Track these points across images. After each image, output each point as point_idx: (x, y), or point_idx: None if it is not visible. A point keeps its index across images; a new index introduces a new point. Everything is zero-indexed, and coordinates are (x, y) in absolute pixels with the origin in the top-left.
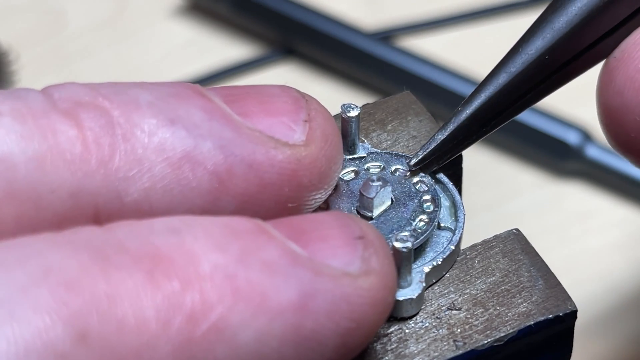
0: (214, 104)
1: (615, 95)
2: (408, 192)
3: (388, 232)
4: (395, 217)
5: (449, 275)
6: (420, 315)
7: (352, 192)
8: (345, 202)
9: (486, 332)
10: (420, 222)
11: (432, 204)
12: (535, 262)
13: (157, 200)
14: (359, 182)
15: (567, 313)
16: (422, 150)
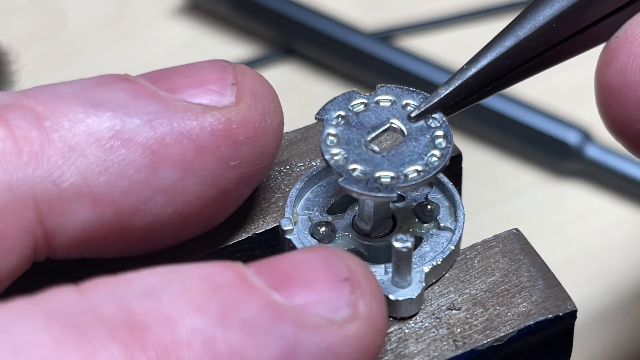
0: (139, 85)
1: (617, 74)
2: (420, 127)
3: (399, 165)
4: (407, 151)
5: (448, 275)
6: (420, 315)
7: (362, 124)
8: (355, 133)
9: (486, 332)
10: (432, 157)
11: (444, 140)
12: (535, 262)
13: (96, 181)
14: (369, 114)
15: (567, 313)
16: (425, 103)
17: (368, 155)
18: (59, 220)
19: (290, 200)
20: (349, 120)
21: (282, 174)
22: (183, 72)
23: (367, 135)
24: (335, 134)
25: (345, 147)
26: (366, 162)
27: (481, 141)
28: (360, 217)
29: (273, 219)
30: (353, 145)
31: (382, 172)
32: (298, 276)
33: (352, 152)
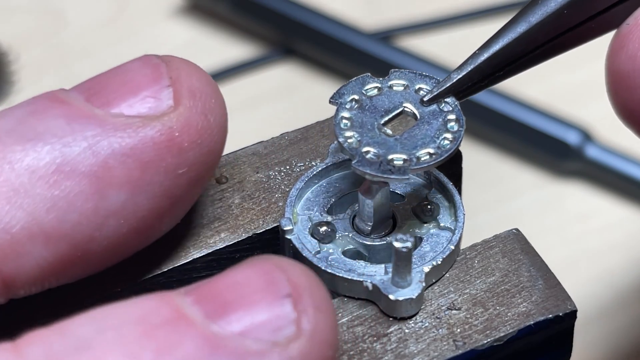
0: (73, 107)
1: (627, 60)
2: (432, 111)
3: (412, 148)
4: (420, 134)
5: (448, 275)
6: (420, 315)
7: (375, 108)
8: (368, 117)
9: (486, 332)
10: (445, 141)
11: (456, 124)
12: (535, 262)
13: (46, 219)
14: (382, 98)
15: (567, 313)
16: (437, 88)
17: (381, 138)
18: (15, 264)
19: (290, 200)
20: (363, 104)
21: (282, 174)
22: (116, 79)
23: (381, 119)
24: (349, 118)
25: (358, 130)
26: (379, 145)
27: (481, 141)
28: (360, 217)
29: (273, 219)
30: (366, 128)
31: (395, 154)
32: (237, 300)
33: (365, 135)
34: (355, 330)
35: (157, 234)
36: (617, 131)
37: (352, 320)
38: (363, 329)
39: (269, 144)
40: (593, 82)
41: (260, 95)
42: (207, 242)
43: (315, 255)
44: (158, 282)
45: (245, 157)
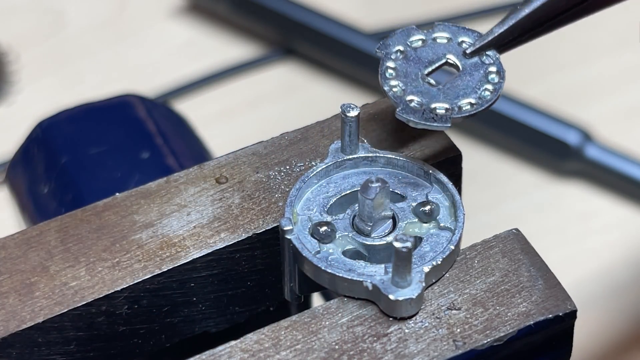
0: None
1: None
2: (474, 63)
3: (454, 97)
4: (462, 85)
5: (448, 275)
6: (420, 315)
7: (419, 58)
8: (412, 67)
9: (486, 331)
10: (485, 92)
11: (497, 75)
12: (535, 262)
13: None
14: (426, 50)
15: (566, 313)
16: (480, 41)
17: (424, 87)
18: None
19: (290, 200)
20: (407, 55)
21: (282, 174)
22: None
23: (424, 69)
24: (394, 68)
25: (403, 79)
26: (422, 94)
27: (481, 141)
28: (360, 217)
29: (273, 219)
30: (410, 78)
31: (438, 103)
32: None
33: (409, 84)
34: (355, 330)
35: None
36: (617, 131)
37: (352, 320)
38: (363, 329)
39: (269, 144)
40: (593, 82)
41: (260, 95)
42: (207, 242)
43: (315, 255)
44: (158, 282)
45: (245, 157)
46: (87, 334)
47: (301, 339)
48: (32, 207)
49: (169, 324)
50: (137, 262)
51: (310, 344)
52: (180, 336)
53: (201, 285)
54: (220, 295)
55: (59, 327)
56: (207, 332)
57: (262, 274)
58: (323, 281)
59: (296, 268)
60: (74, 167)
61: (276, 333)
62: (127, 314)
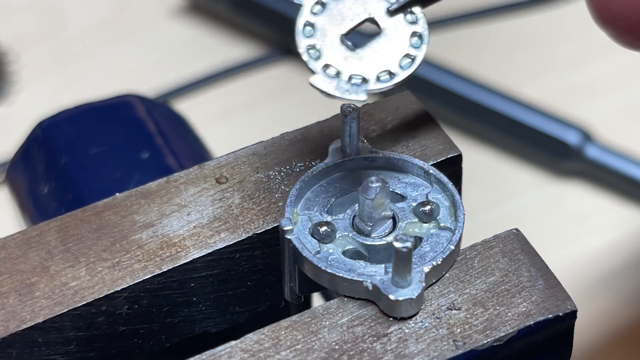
0: None
1: None
2: (397, 23)
3: (373, 64)
4: (382, 48)
5: (448, 275)
6: (420, 315)
7: (340, 13)
8: (331, 23)
9: (486, 332)
10: (406, 59)
11: (419, 39)
12: (535, 262)
13: None
14: (348, 2)
15: (567, 313)
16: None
17: (342, 50)
18: None
19: (290, 200)
20: (328, 7)
21: (282, 174)
22: None
23: (344, 27)
24: (313, 24)
25: (321, 39)
26: (339, 59)
27: (481, 141)
28: (360, 217)
29: (273, 219)
30: (329, 37)
31: (355, 70)
32: None
33: (326, 45)
34: (355, 330)
35: None
36: (617, 131)
37: (352, 320)
38: (363, 329)
39: (269, 144)
40: (593, 82)
41: (260, 95)
42: (207, 242)
43: (315, 255)
44: (158, 282)
45: (245, 157)
46: (87, 334)
47: (301, 339)
48: (32, 207)
49: (169, 324)
50: (137, 262)
51: (310, 344)
52: (180, 336)
53: (201, 285)
54: (220, 295)
55: (59, 327)
56: (207, 332)
57: (262, 274)
58: (323, 281)
59: (296, 268)
60: (74, 167)
61: (276, 333)
62: (127, 314)
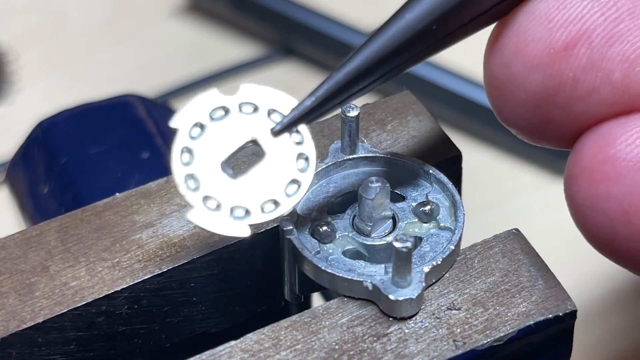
0: None
1: (501, 67)
2: (282, 144)
3: (256, 193)
4: (267, 174)
5: (448, 275)
6: (420, 315)
7: (220, 136)
8: (211, 148)
9: (486, 332)
10: (292, 186)
11: (305, 162)
12: (535, 262)
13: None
14: (229, 123)
15: (566, 313)
16: (287, 116)
17: (223, 179)
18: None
19: None
20: (207, 130)
21: None
22: None
23: (224, 152)
24: (191, 150)
25: (200, 167)
26: (221, 190)
27: (481, 141)
28: (360, 217)
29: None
30: (208, 165)
31: (237, 202)
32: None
33: (206, 175)
34: (355, 330)
35: None
36: None
37: (352, 320)
38: (363, 329)
39: None
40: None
41: None
42: (207, 242)
43: (315, 255)
44: (158, 282)
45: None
46: (87, 334)
47: (301, 339)
48: (32, 207)
49: (169, 324)
50: (137, 262)
51: (310, 344)
52: (180, 336)
53: (201, 285)
54: (220, 295)
55: (59, 327)
56: (207, 332)
57: (262, 274)
58: (323, 281)
59: (296, 268)
60: (74, 167)
61: (276, 333)
62: (127, 314)
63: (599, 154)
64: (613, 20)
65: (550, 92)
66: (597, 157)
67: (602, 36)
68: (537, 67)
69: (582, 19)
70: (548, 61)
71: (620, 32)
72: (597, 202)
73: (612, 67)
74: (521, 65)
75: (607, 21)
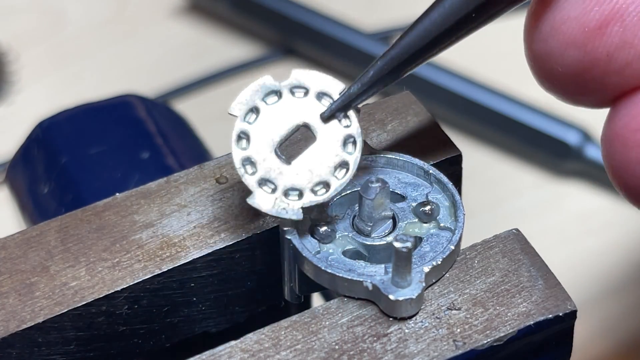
0: None
1: (539, 43)
2: (331, 128)
3: (308, 176)
4: (317, 158)
5: (448, 275)
6: (420, 315)
7: (274, 120)
8: (266, 133)
9: (486, 332)
10: (341, 170)
11: (353, 146)
12: (535, 262)
13: None
14: (281, 108)
15: (566, 313)
16: (336, 102)
17: (277, 163)
18: None
19: None
20: (262, 115)
21: None
22: None
23: (278, 137)
24: (247, 134)
25: (255, 151)
26: (275, 174)
27: (481, 141)
28: (360, 217)
29: (273, 219)
30: (263, 149)
31: (291, 185)
32: None
33: (261, 159)
34: (355, 330)
35: None
36: None
37: (352, 320)
38: (363, 329)
39: None
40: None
41: None
42: (207, 242)
43: (315, 255)
44: (158, 282)
45: None
46: (87, 334)
47: (301, 339)
48: (32, 207)
49: (169, 324)
50: (137, 262)
51: (310, 344)
52: (180, 336)
53: (201, 285)
54: (220, 295)
55: (59, 327)
56: (207, 332)
57: (262, 274)
58: (323, 281)
59: (296, 268)
60: (74, 167)
61: (276, 333)
62: (127, 314)
63: (632, 122)
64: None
65: (585, 67)
66: (630, 125)
67: (634, 14)
68: (572, 45)
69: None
70: (583, 39)
71: None
72: (630, 165)
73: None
74: (557, 43)
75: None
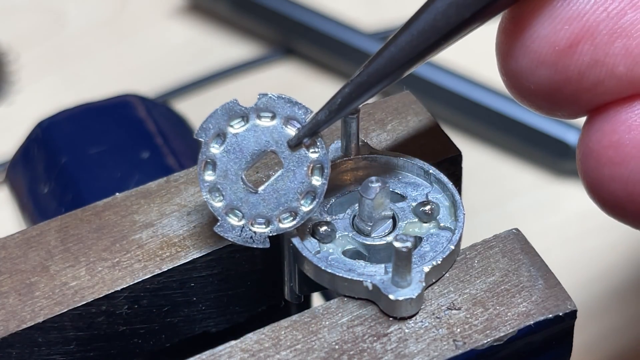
0: None
1: (511, 60)
2: (298, 157)
3: (275, 206)
4: (284, 187)
5: (448, 275)
6: (420, 315)
7: (240, 148)
8: (232, 161)
9: (486, 331)
10: (306, 199)
11: (320, 174)
12: (535, 261)
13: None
14: (248, 135)
15: (567, 313)
16: (302, 129)
17: (244, 192)
18: None
19: None
20: (228, 143)
21: None
22: None
23: (245, 164)
24: (213, 162)
25: (222, 180)
26: (242, 202)
27: (481, 141)
28: (360, 217)
29: None
30: (230, 178)
31: (257, 215)
32: None
33: (228, 187)
34: (355, 330)
35: None
36: None
37: (352, 320)
38: (363, 329)
39: None
40: None
41: None
42: (207, 242)
43: (315, 255)
44: (158, 281)
45: None
46: (87, 334)
47: (301, 339)
48: (32, 207)
49: (169, 324)
50: (137, 262)
51: (310, 343)
52: (180, 336)
53: (201, 285)
54: (220, 295)
55: (59, 327)
56: (207, 332)
57: (262, 274)
58: (323, 281)
59: (296, 268)
60: (74, 167)
61: (276, 333)
62: (127, 314)
63: (604, 139)
64: (615, 15)
65: (557, 85)
66: (602, 141)
67: (605, 32)
68: (543, 64)
69: (584, 16)
70: (553, 58)
71: (623, 26)
72: (603, 182)
73: (615, 61)
74: (528, 61)
75: (610, 16)
